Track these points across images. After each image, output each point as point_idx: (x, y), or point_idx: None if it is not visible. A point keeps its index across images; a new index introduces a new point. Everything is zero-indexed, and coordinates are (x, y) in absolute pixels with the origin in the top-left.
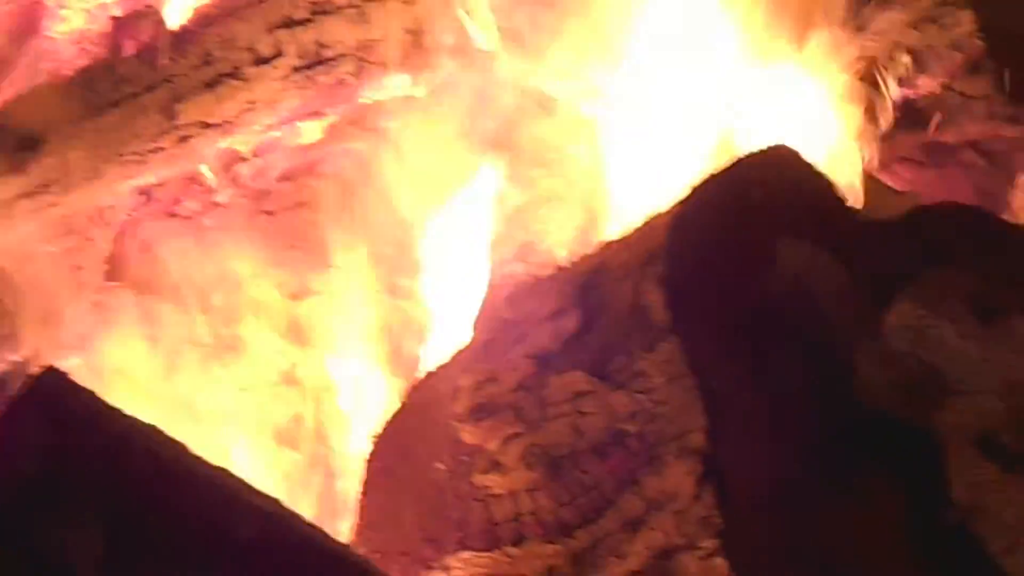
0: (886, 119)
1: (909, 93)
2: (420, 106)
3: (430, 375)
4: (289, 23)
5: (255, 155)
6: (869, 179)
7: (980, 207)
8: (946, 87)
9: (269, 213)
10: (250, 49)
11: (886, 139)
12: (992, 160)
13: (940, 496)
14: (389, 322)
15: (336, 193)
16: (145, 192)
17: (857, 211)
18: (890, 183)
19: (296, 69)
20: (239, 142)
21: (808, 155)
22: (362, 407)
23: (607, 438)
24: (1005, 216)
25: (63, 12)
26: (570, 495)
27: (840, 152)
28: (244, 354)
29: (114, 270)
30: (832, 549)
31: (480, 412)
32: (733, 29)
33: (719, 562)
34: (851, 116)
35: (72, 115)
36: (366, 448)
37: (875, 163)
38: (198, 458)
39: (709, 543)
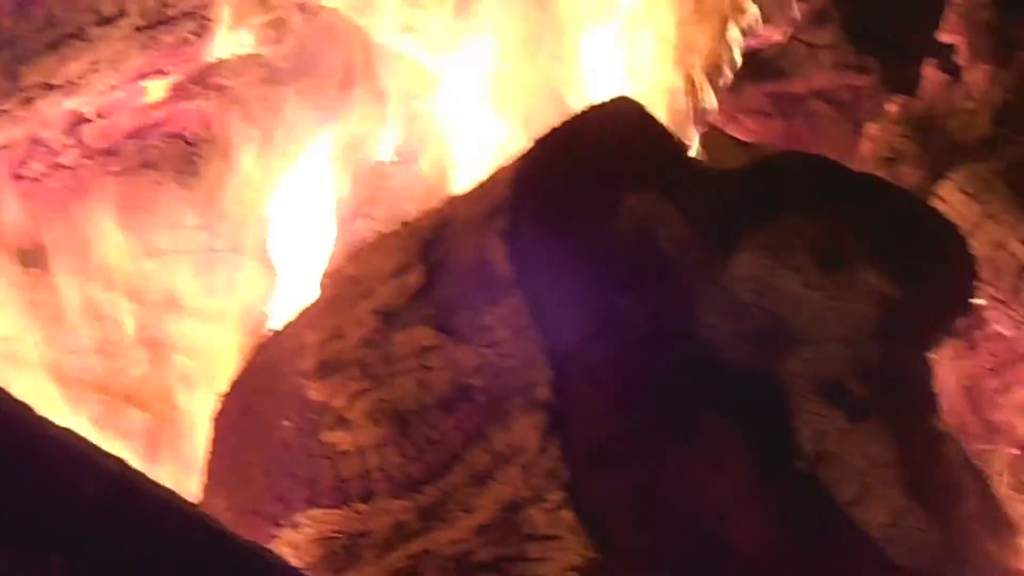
0: (731, 70)
1: (755, 44)
2: (264, 64)
3: (277, 333)
4: None
5: (100, 116)
6: (715, 131)
7: (824, 156)
8: (792, 37)
9: (115, 174)
10: (93, 10)
11: (733, 90)
12: (839, 109)
13: (787, 445)
14: (236, 281)
15: (182, 153)
16: None
17: (700, 162)
18: (737, 134)
19: (139, 29)
20: (83, 103)
21: (650, 107)
22: (210, 366)
23: (453, 393)
24: (852, 165)
25: None
26: (417, 450)
27: (683, 104)
28: (92, 315)
29: None
30: (677, 498)
31: (326, 369)
32: None
33: (566, 514)
34: (694, 68)
35: None
36: (214, 407)
37: (721, 115)
38: (44, 419)
39: (556, 495)
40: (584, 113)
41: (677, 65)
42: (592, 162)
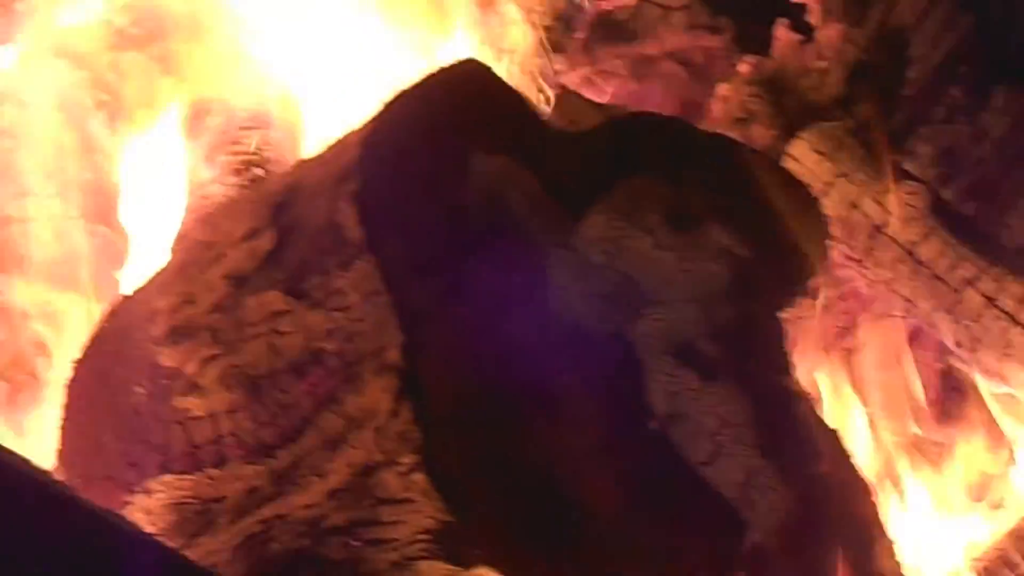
0: (583, 32)
1: (607, 6)
2: (114, 30)
3: (128, 299)
4: None
5: None
6: (569, 93)
7: (677, 118)
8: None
9: None
10: None
11: (586, 52)
12: (692, 71)
13: (640, 406)
14: (88, 247)
15: (32, 120)
16: None
17: (553, 124)
18: (591, 96)
19: None
20: None
21: (499, 70)
22: (62, 333)
23: (305, 357)
24: (704, 125)
25: None
26: (270, 415)
27: (535, 66)
28: None
29: None
30: (530, 459)
31: (177, 334)
32: None
33: (418, 477)
34: (545, 30)
35: None
36: (67, 374)
37: (575, 77)
38: None
39: (408, 458)
40: (432, 76)
41: (528, 26)
42: (441, 124)
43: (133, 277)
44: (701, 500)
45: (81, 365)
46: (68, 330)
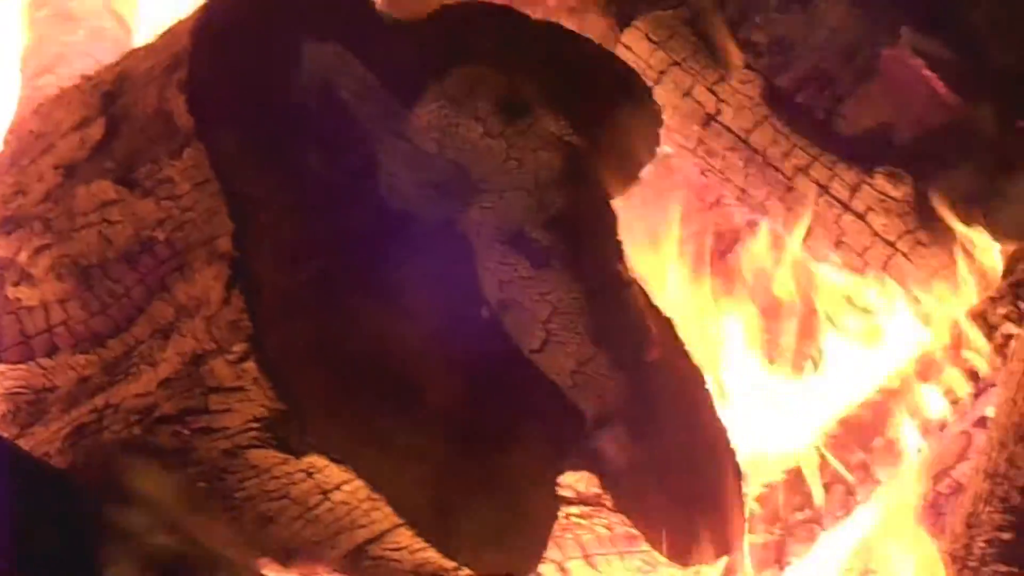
0: None
1: None
2: None
3: None
4: None
5: None
6: None
7: (509, 6)
8: None
9: None
10: None
11: None
12: None
13: (472, 294)
14: None
15: None
16: None
17: (385, 13)
18: None
19: None
20: None
21: None
22: None
23: (136, 246)
24: (537, 14)
25: None
26: (101, 305)
27: None
28: None
29: None
30: (362, 346)
31: (10, 224)
32: None
33: (249, 365)
34: None
35: None
36: None
37: None
38: None
39: (239, 347)
40: None
41: None
42: (272, 12)
43: None
44: (534, 388)
45: None
46: None
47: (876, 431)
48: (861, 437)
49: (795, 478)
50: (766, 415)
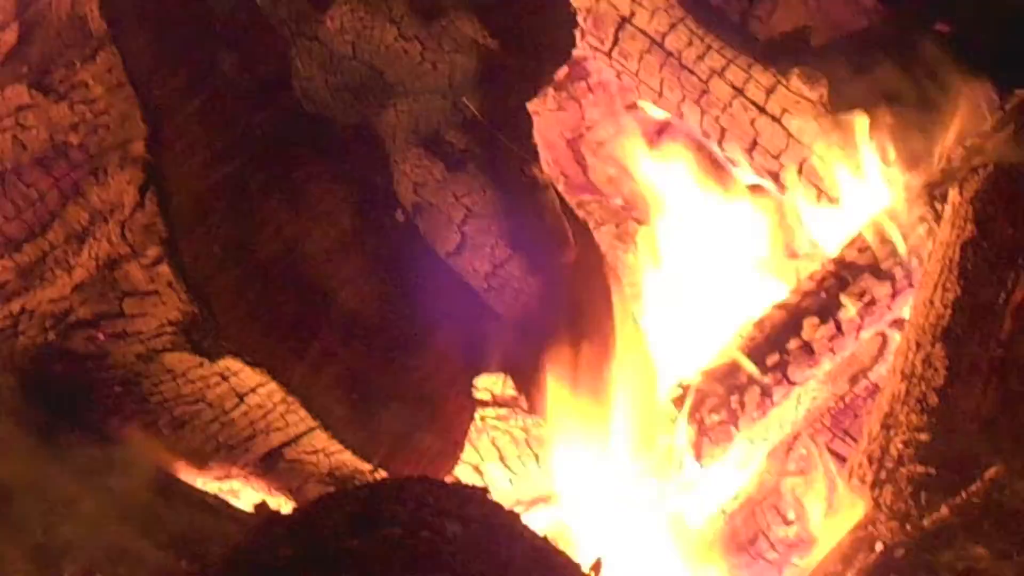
0: None
1: None
2: None
3: None
4: None
5: None
6: None
7: None
8: None
9: None
10: None
11: None
12: None
13: (387, 196)
14: None
15: None
16: None
17: None
18: None
19: None
20: None
21: None
22: None
23: (50, 151)
24: None
25: None
26: (16, 209)
27: None
28: None
29: None
30: (276, 250)
31: None
32: None
33: (163, 269)
34: None
35: None
36: None
37: None
38: None
39: (153, 251)
40: None
41: None
42: None
43: None
44: (448, 290)
45: None
46: None
47: (792, 333)
48: (777, 339)
49: (711, 380)
50: (683, 318)
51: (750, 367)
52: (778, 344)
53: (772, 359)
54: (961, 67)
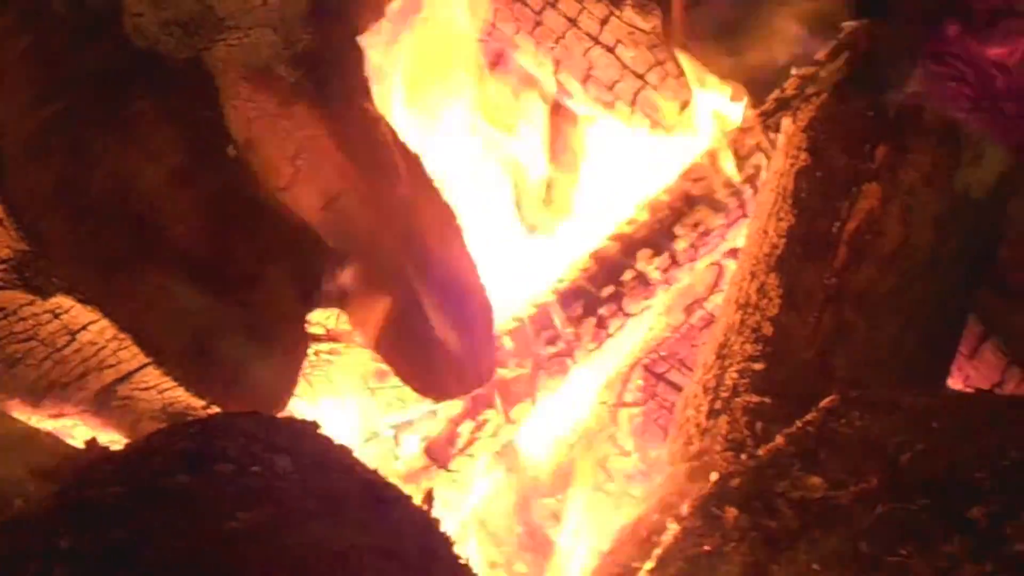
0: None
1: None
2: None
3: None
4: None
5: None
6: None
7: None
8: None
9: None
10: None
11: None
12: None
13: (218, 131)
14: None
15: None
16: None
17: None
18: None
19: None
20: None
21: None
22: None
23: None
24: None
25: None
26: None
27: None
28: None
29: None
30: (107, 187)
31: None
32: None
33: None
34: None
35: None
36: None
37: None
38: None
39: None
40: None
41: None
42: None
43: None
44: (281, 226)
45: None
46: None
47: (626, 264)
48: (611, 271)
49: (546, 312)
50: (516, 251)
51: (585, 298)
52: (613, 275)
53: (607, 290)
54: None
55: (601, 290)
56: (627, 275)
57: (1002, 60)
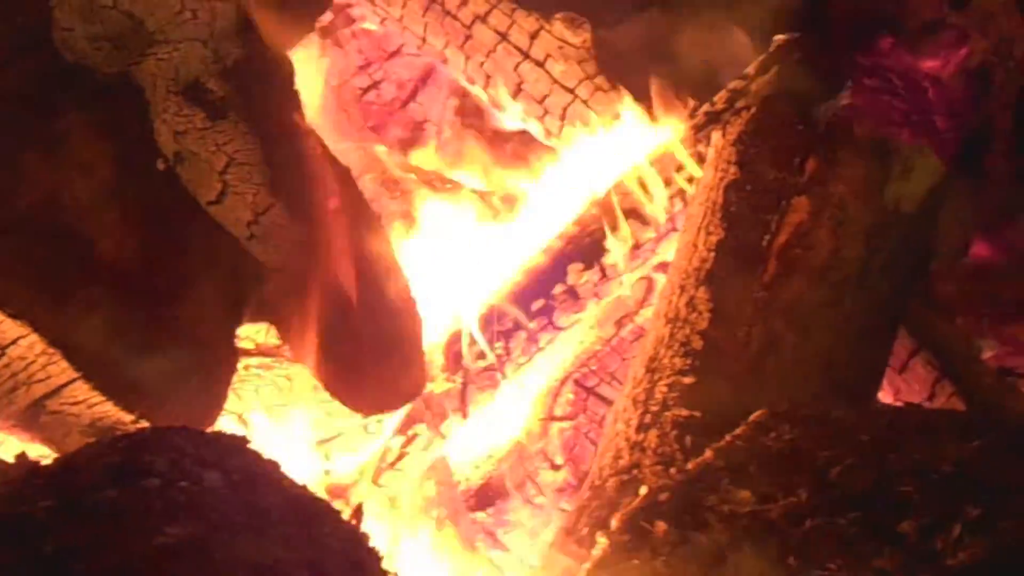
0: None
1: None
2: None
3: None
4: None
5: None
6: None
7: None
8: None
9: None
10: None
11: None
12: None
13: (148, 146)
14: None
15: None
16: None
17: None
18: None
19: None
20: None
21: None
22: None
23: None
24: None
25: None
26: None
27: None
28: None
29: None
30: (36, 202)
31: None
32: None
33: None
34: None
35: None
36: None
37: None
38: None
39: None
40: None
41: None
42: None
43: None
44: (210, 240)
45: None
46: None
47: (557, 279)
48: (542, 285)
49: (476, 326)
50: (449, 264)
51: (516, 312)
52: (543, 290)
53: (537, 305)
54: (725, 15)
55: (531, 304)
56: (557, 289)
57: (935, 73)
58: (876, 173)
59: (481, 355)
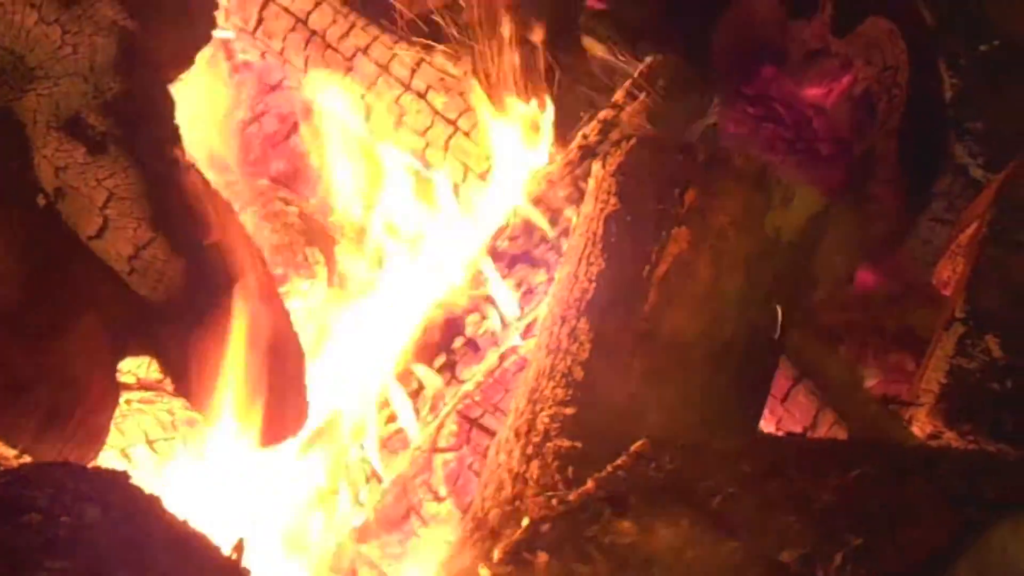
0: None
1: None
2: None
3: None
4: None
5: None
6: None
7: None
8: None
9: None
10: None
11: None
12: None
13: (28, 182)
14: None
15: None
16: None
17: None
18: None
19: None
20: None
21: None
22: None
23: None
24: None
25: None
26: None
27: None
28: None
29: None
30: None
31: None
32: None
33: None
34: None
35: None
36: None
37: None
38: None
39: None
40: None
41: None
42: None
43: None
44: (91, 274)
45: None
46: None
47: (455, 332)
48: (441, 340)
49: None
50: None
51: (422, 371)
52: (443, 344)
53: (439, 361)
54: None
55: (433, 362)
56: (457, 343)
57: (819, 101)
58: (756, 202)
59: (390, 419)
